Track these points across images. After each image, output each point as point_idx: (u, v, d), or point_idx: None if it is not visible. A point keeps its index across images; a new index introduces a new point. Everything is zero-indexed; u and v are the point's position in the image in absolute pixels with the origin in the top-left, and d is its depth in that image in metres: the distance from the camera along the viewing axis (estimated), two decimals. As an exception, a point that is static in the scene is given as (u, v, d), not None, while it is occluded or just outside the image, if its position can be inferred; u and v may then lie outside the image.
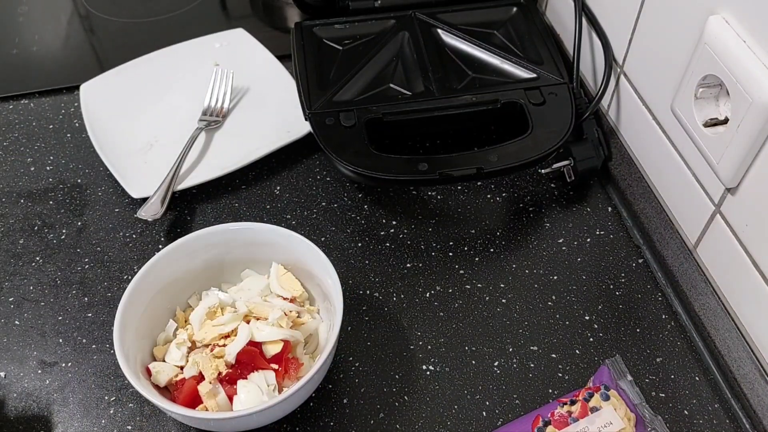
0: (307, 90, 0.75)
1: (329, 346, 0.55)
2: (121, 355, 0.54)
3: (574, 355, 0.62)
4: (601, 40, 0.73)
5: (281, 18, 0.98)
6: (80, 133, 0.81)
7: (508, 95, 0.73)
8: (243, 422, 0.56)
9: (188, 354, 0.58)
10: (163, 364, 0.58)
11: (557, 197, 0.74)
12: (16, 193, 0.76)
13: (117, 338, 0.55)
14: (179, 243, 0.61)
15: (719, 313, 0.60)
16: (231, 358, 0.56)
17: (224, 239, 0.63)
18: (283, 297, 0.61)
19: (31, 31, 0.95)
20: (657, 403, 0.59)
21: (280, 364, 0.57)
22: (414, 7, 0.83)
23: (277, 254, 0.63)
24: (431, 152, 0.78)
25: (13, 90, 0.86)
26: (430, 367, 0.62)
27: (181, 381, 0.57)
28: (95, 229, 0.73)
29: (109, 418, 0.60)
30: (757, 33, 0.50)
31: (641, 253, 0.69)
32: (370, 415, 0.59)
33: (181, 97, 0.83)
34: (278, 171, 0.77)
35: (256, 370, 0.56)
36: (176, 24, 0.95)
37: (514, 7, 0.83)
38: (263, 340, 0.57)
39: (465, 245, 0.70)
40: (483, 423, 0.58)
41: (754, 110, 0.50)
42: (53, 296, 0.67)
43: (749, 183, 0.54)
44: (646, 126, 0.67)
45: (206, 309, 0.60)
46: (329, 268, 0.59)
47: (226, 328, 0.58)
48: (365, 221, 0.72)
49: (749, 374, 0.57)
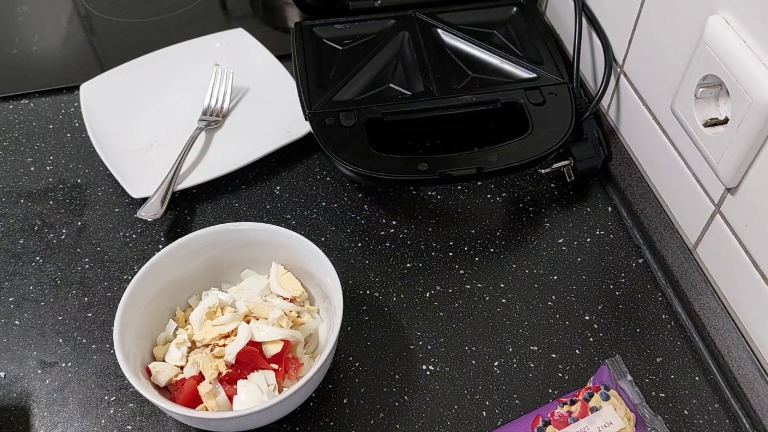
0: (307, 90, 0.75)
1: (329, 346, 0.55)
2: (121, 355, 0.54)
3: (574, 355, 0.62)
4: (601, 40, 0.73)
5: (281, 18, 0.98)
6: (80, 133, 0.81)
7: (508, 95, 0.73)
8: (243, 422, 0.56)
9: (188, 354, 0.58)
10: (163, 364, 0.58)
11: (557, 197, 0.74)
12: (16, 193, 0.76)
13: (117, 338, 0.55)
14: (179, 243, 0.61)
15: (719, 313, 0.60)
16: (231, 358, 0.56)
17: (224, 239, 0.63)
18: (283, 297, 0.61)
19: (31, 31, 0.95)
20: (657, 403, 0.59)
21: (280, 364, 0.57)
22: (414, 7, 0.83)
23: (277, 254, 0.63)
24: (431, 152, 0.78)
25: (13, 90, 0.86)
26: (430, 367, 0.62)
27: (181, 381, 0.57)
28: (95, 229, 0.73)
29: (109, 418, 0.60)
30: (757, 33, 0.50)
31: (641, 253, 0.69)
32: (370, 415, 0.59)
33: (181, 97, 0.83)
34: (278, 171, 0.77)
35: (256, 370, 0.56)
36: (176, 24, 0.95)
37: (514, 7, 0.83)
38: (263, 340, 0.57)
39: (465, 245, 0.70)
40: (483, 423, 0.59)
41: (754, 110, 0.50)
42: (53, 296, 0.67)
43: (749, 183, 0.54)
44: (646, 126, 0.67)
45: (206, 309, 0.60)
46: (329, 268, 0.59)
47: (226, 328, 0.58)
48: (365, 221, 0.72)
49: (749, 374, 0.57)
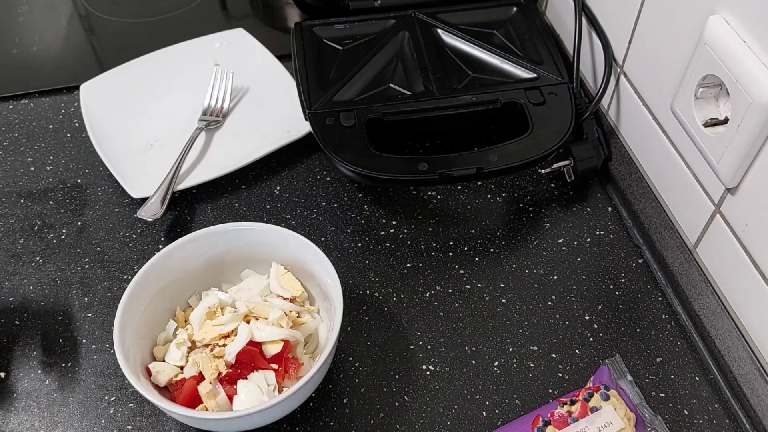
0: (307, 90, 0.75)
1: (329, 346, 0.55)
2: (121, 355, 0.54)
3: (574, 355, 0.62)
4: (601, 40, 0.73)
5: (281, 18, 0.98)
6: (80, 133, 0.81)
7: (508, 95, 0.73)
8: (243, 422, 0.56)
9: (188, 354, 0.58)
10: (163, 364, 0.58)
11: (557, 197, 0.74)
12: (16, 193, 0.76)
13: (117, 338, 0.55)
14: (179, 243, 0.61)
15: (719, 313, 0.60)
16: (231, 358, 0.56)
17: (224, 239, 0.63)
18: (283, 297, 0.61)
19: (31, 31, 0.95)
20: (657, 403, 0.59)
21: (280, 364, 0.57)
22: (414, 7, 0.83)
23: (277, 254, 0.63)
24: (431, 152, 0.78)
25: (13, 90, 0.86)
26: (430, 367, 0.62)
27: (181, 381, 0.57)
28: (95, 229, 0.73)
29: (109, 418, 0.60)
30: (757, 33, 0.50)
31: (641, 253, 0.69)
32: (370, 415, 0.59)
33: (181, 97, 0.83)
34: (278, 171, 0.77)
35: (256, 370, 0.56)
36: (176, 24, 0.95)
37: (514, 7, 0.83)
38: (263, 340, 0.57)
39: (465, 245, 0.70)
40: (483, 423, 0.59)
41: (754, 110, 0.50)
42: (53, 296, 0.67)
43: (749, 183, 0.54)
44: (646, 126, 0.67)
45: (206, 309, 0.60)
46: (329, 268, 0.59)
47: (226, 328, 0.58)
48: (365, 221, 0.72)
49: (749, 374, 0.57)
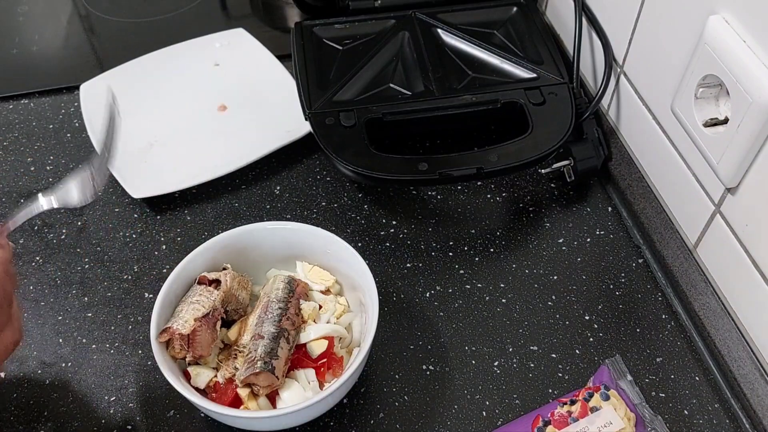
0: (307, 90, 0.75)
1: (369, 338, 0.55)
2: (164, 366, 0.55)
3: (574, 355, 0.62)
4: (601, 40, 0.73)
5: (281, 18, 0.98)
6: (80, 133, 0.81)
7: (508, 95, 0.73)
8: (287, 420, 0.56)
9: (219, 356, 0.58)
10: (201, 368, 0.57)
11: (557, 197, 0.74)
12: (16, 193, 0.76)
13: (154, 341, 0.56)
14: (212, 242, 0.61)
15: (719, 313, 0.60)
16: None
17: (259, 237, 0.63)
18: (320, 291, 0.62)
19: (31, 31, 0.95)
20: (657, 403, 0.59)
21: (324, 364, 0.57)
22: (414, 7, 0.83)
23: (305, 253, 0.63)
24: (431, 152, 0.78)
25: (13, 90, 0.86)
26: (430, 367, 0.62)
27: (217, 383, 0.57)
28: (95, 229, 0.73)
29: (109, 418, 0.60)
30: (757, 33, 0.50)
31: (641, 253, 0.69)
32: (370, 415, 0.59)
33: (181, 97, 0.83)
34: (278, 171, 0.77)
35: (296, 369, 0.57)
36: (176, 24, 0.95)
37: (514, 7, 0.83)
38: (308, 340, 0.58)
39: (465, 245, 0.70)
40: (483, 423, 0.58)
41: (754, 110, 0.50)
42: (53, 296, 0.67)
43: (749, 183, 0.54)
44: (646, 126, 0.67)
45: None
46: (366, 273, 0.59)
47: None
48: (365, 221, 0.72)
49: (749, 374, 0.57)
